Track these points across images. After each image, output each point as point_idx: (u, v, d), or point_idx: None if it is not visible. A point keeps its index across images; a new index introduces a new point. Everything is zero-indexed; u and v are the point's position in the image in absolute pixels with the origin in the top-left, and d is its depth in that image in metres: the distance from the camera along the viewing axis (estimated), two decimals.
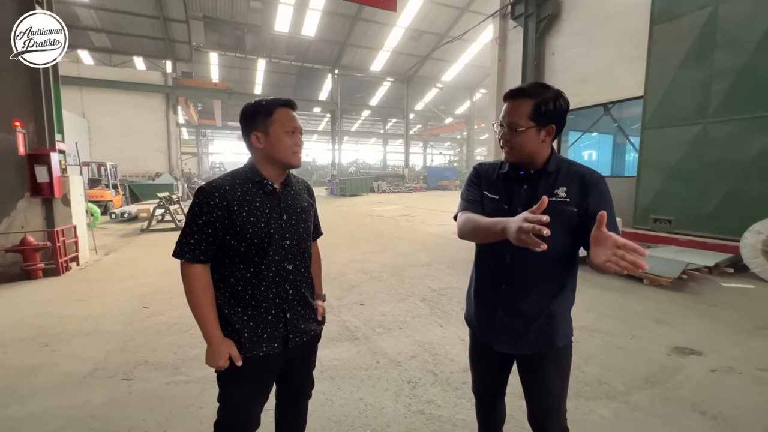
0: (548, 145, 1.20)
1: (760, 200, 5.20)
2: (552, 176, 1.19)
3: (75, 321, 3.55)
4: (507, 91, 1.19)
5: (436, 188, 27.70)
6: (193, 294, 1.22)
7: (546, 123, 1.14)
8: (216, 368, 1.24)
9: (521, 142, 1.16)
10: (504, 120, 1.18)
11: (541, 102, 1.12)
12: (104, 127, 17.57)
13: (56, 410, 2.19)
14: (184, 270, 1.22)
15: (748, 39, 5.36)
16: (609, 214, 1.08)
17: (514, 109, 1.15)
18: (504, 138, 1.19)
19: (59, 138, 5.61)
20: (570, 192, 1.15)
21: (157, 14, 16.94)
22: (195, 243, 1.20)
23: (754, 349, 2.92)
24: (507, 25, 9.70)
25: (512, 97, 1.16)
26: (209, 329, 1.21)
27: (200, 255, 1.21)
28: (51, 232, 5.12)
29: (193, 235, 1.20)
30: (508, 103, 1.18)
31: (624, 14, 7.05)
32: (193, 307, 1.22)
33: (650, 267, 4.73)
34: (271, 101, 1.25)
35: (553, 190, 1.16)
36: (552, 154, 1.22)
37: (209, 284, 1.24)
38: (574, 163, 1.21)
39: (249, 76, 25.96)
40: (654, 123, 6.51)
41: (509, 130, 1.16)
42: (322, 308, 1.47)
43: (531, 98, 1.13)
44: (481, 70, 24.54)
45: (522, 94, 1.14)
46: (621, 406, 2.21)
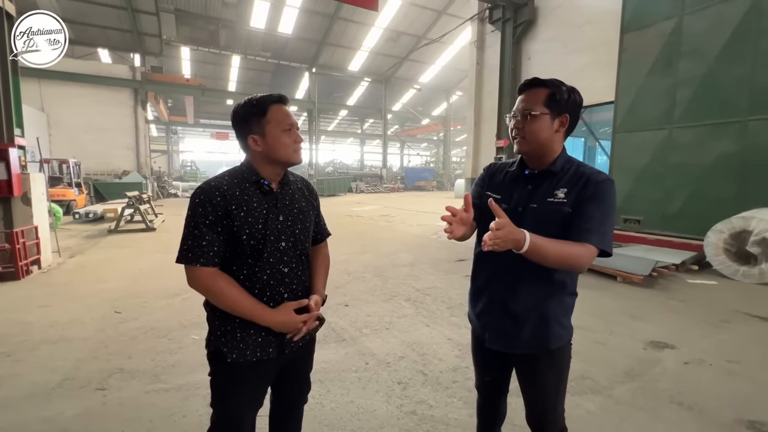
0: (561, 139, 1.21)
1: (720, 201, 5.54)
2: (556, 177, 1.19)
3: (40, 328, 3.32)
4: (523, 81, 1.21)
5: (414, 188, 27.95)
6: (224, 293, 1.14)
7: (560, 112, 1.16)
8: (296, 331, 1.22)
9: (535, 129, 1.16)
10: (518, 108, 1.20)
11: (556, 91, 1.15)
12: (66, 122, 16.56)
13: (25, 424, 2.03)
14: (198, 275, 1.14)
15: (709, 49, 5.70)
16: (599, 212, 1.11)
17: (530, 97, 1.18)
18: (517, 127, 1.20)
19: (18, 132, 5.24)
20: (570, 193, 1.15)
21: (125, 5, 16.16)
22: (208, 245, 1.13)
23: (721, 342, 3.10)
24: (485, 29, 9.91)
25: (528, 86, 1.19)
26: (259, 314, 1.17)
27: (215, 257, 1.14)
28: (9, 233, 4.77)
29: (204, 237, 1.12)
30: (523, 95, 1.20)
31: (596, 22, 7.35)
32: (231, 306, 1.16)
33: (623, 265, 4.95)
34: (262, 99, 1.19)
35: (554, 191, 1.18)
36: (562, 153, 1.22)
37: (228, 276, 1.17)
38: (583, 165, 1.21)
39: (223, 73, 25.24)
40: (624, 127, 6.81)
41: (522, 118, 1.18)
42: (315, 302, 1.30)
43: (547, 87, 1.16)
44: (458, 72, 24.94)
45: (539, 84, 1.18)
46: (605, 400, 2.28)
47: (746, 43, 5.37)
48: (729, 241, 4.94)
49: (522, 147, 1.21)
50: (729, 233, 4.92)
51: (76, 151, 15.84)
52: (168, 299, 4.02)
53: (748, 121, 5.36)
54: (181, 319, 3.49)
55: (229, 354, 1.18)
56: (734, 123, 5.50)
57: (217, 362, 1.23)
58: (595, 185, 1.14)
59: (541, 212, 1.18)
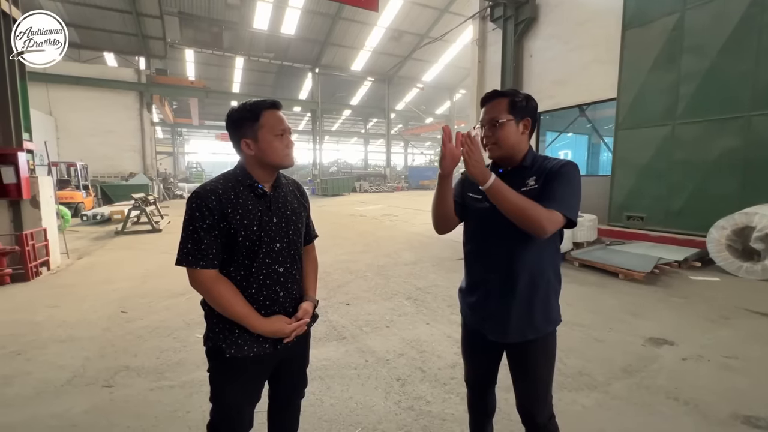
0: (527, 139, 1.32)
1: (723, 197, 5.51)
2: (527, 170, 1.30)
3: (48, 328, 3.40)
4: (483, 95, 1.33)
5: (418, 188, 27.88)
6: (222, 297, 1.19)
7: (522, 116, 1.28)
8: (285, 336, 1.27)
9: (504, 135, 1.27)
10: (484, 119, 1.31)
11: (514, 98, 1.28)
12: (73, 125, 16.78)
13: (35, 420, 2.10)
14: (200, 278, 1.18)
15: (712, 44, 5.66)
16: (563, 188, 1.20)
17: (493, 107, 1.30)
18: (486, 135, 1.30)
19: (27, 137, 5.36)
20: (539, 180, 1.25)
21: (130, 9, 16.34)
22: (206, 247, 1.17)
23: (721, 338, 3.10)
24: (486, 27, 9.88)
25: (490, 98, 1.32)
26: (252, 323, 1.21)
27: (214, 260, 1.19)
28: (19, 235, 4.88)
29: (203, 240, 1.17)
30: (486, 106, 1.31)
31: (598, 19, 7.31)
32: (226, 310, 1.20)
33: (624, 262, 4.95)
34: (255, 104, 1.23)
35: (525, 181, 1.28)
36: (529, 151, 1.32)
37: (229, 281, 1.23)
38: (550, 159, 1.31)
39: (227, 74, 25.39)
40: (627, 124, 6.79)
41: (490, 127, 1.29)
42: (303, 311, 1.33)
43: (506, 96, 1.29)
44: (461, 70, 24.85)
45: (498, 95, 1.31)
46: (601, 396, 2.30)
47: (749, 38, 5.32)
48: (732, 237, 4.91)
49: (495, 153, 1.31)
50: (732, 229, 4.89)
51: (84, 153, 16.05)
52: (173, 299, 4.10)
53: (751, 117, 5.32)
54: (186, 318, 3.57)
55: (227, 350, 1.23)
56: (737, 119, 5.46)
57: (215, 358, 1.28)
58: (559, 167, 1.24)
59: None
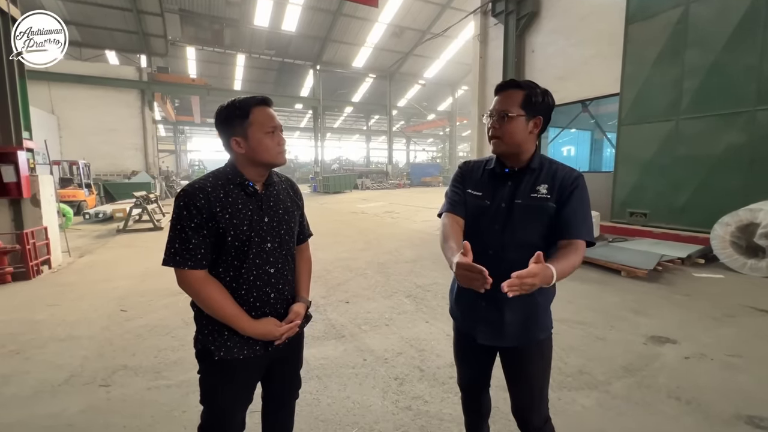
0: (534, 139, 1.25)
1: (727, 193, 5.44)
2: (535, 173, 1.24)
3: (48, 326, 3.41)
4: (499, 83, 1.24)
5: (420, 184, 27.85)
6: (211, 299, 1.17)
7: (535, 114, 1.20)
8: (275, 338, 1.25)
9: (511, 130, 1.20)
10: (495, 109, 1.23)
11: (531, 93, 1.19)
12: (75, 124, 16.83)
13: (31, 420, 2.10)
14: (188, 278, 1.16)
15: (716, 38, 5.57)
16: (581, 207, 1.18)
17: (506, 98, 1.21)
18: (493, 127, 1.23)
19: (27, 135, 5.35)
20: (551, 189, 1.21)
21: (130, 6, 16.33)
22: (194, 247, 1.14)
23: (723, 336, 3.06)
24: (488, 23, 9.80)
25: (505, 87, 1.23)
26: (241, 325, 1.19)
27: (203, 260, 1.16)
28: (20, 234, 4.89)
29: (190, 240, 1.14)
30: (499, 95, 1.23)
31: (600, 13, 7.22)
32: (215, 312, 1.18)
33: (627, 259, 4.90)
34: (244, 101, 1.19)
35: (535, 187, 1.22)
36: (536, 152, 1.26)
37: (218, 282, 1.20)
38: (554, 162, 1.27)
39: (228, 72, 25.36)
40: (630, 119, 6.71)
41: (499, 119, 1.21)
42: (294, 313, 1.30)
43: (522, 89, 1.20)
44: (462, 66, 24.70)
45: (514, 85, 1.21)
46: (602, 395, 2.27)
47: (754, 32, 5.23)
48: (736, 233, 4.85)
49: (498, 148, 1.25)
50: (736, 226, 4.83)
51: (86, 152, 16.11)
52: (172, 297, 4.09)
53: (756, 112, 5.24)
54: (184, 316, 3.55)
55: (217, 352, 1.21)
56: (742, 113, 5.38)
57: (205, 360, 1.25)
58: (572, 181, 1.20)
59: (527, 208, 1.22)
